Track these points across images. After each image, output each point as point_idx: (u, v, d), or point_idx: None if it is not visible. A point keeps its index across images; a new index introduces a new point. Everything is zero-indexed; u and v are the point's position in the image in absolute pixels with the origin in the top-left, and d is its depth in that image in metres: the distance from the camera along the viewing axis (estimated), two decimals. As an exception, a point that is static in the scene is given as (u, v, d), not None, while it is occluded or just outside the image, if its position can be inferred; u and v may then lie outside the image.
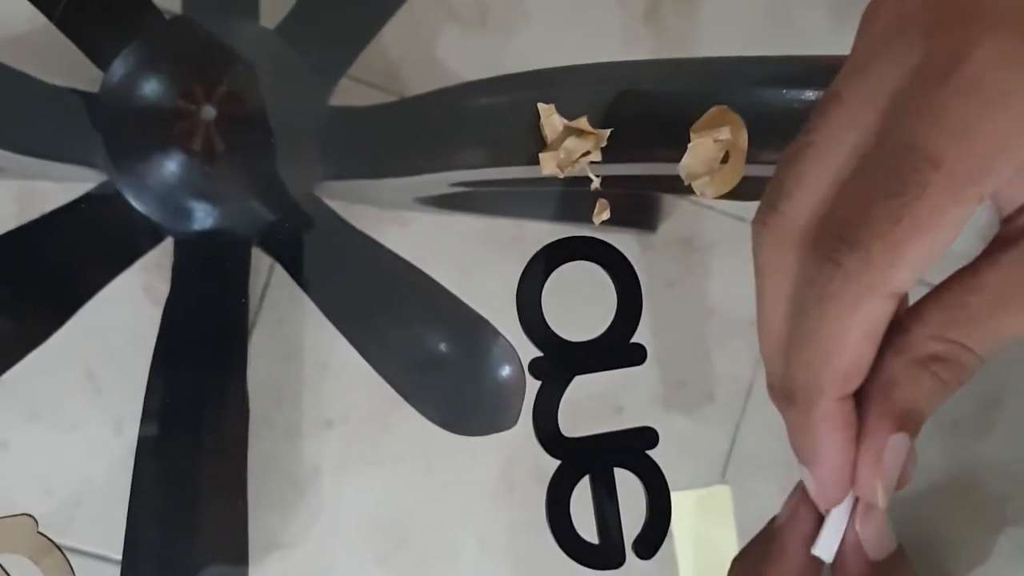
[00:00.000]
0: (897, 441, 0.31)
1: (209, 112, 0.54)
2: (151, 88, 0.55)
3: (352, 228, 0.59)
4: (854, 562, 0.34)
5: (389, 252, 0.59)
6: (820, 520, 0.35)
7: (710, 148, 0.46)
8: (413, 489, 0.77)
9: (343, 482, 0.76)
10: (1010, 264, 0.30)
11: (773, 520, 0.38)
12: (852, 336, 0.29)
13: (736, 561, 0.38)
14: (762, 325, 0.34)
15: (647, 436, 0.45)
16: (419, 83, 0.66)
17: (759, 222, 0.33)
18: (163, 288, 0.60)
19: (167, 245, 0.60)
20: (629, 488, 0.45)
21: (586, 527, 0.44)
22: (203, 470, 0.57)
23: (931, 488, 0.82)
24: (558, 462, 0.44)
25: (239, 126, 0.55)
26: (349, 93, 0.70)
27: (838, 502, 0.34)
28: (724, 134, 0.46)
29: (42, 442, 0.73)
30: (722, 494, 0.44)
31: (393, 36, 0.74)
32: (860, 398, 0.32)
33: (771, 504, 0.79)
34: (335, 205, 0.60)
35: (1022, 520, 0.83)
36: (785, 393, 0.32)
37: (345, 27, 0.61)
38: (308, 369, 0.75)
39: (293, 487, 0.75)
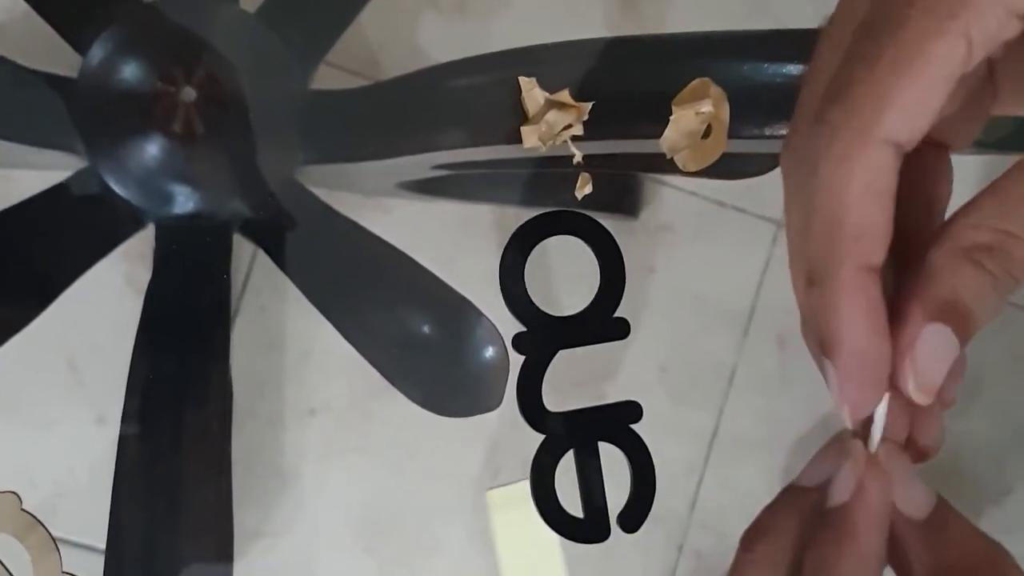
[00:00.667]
0: (935, 333, 0.28)
1: (189, 94, 0.54)
2: (130, 71, 0.55)
3: (334, 212, 0.59)
4: (896, 525, 0.31)
5: (371, 235, 0.59)
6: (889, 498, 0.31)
7: (692, 121, 0.46)
8: (397, 476, 0.76)
9: (327, 471, 0.76)
10: None
11: (791, 491, 0.34)
12: (852, 188, 0.27)
13: (755, 541, 0.34)
14: (790, 249, 0.31)
15: (631, 410, 0.45)
16: (399, 70, 0.66)
17: (784, 146, 0.31)
18: (145, 278, 0.60)
19: (149, 235, 0.60)
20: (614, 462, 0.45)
21: (571, 501, 0.44)
22: (187, 456, 0.57)
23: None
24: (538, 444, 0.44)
25: (219, 108, 0.55)
26: (330, 80, 0.70)
27: (864, 407, 0.30)
28: (706, 106, 0.46)
29: (25, 433, 0.73)
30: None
31: (373, 23, 0.74)
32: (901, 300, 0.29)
33: (756, 486, 0.79)
34: (317, 191, 0.60)
35: (1003, 501, 0.83)
36: (807, 279, 0.29)
37: (325, 11, 0.61)
38: (291, 358, 0.75)
39: (277, 476, 0.75)
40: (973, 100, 0.29)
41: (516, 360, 0.45)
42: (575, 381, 0.74)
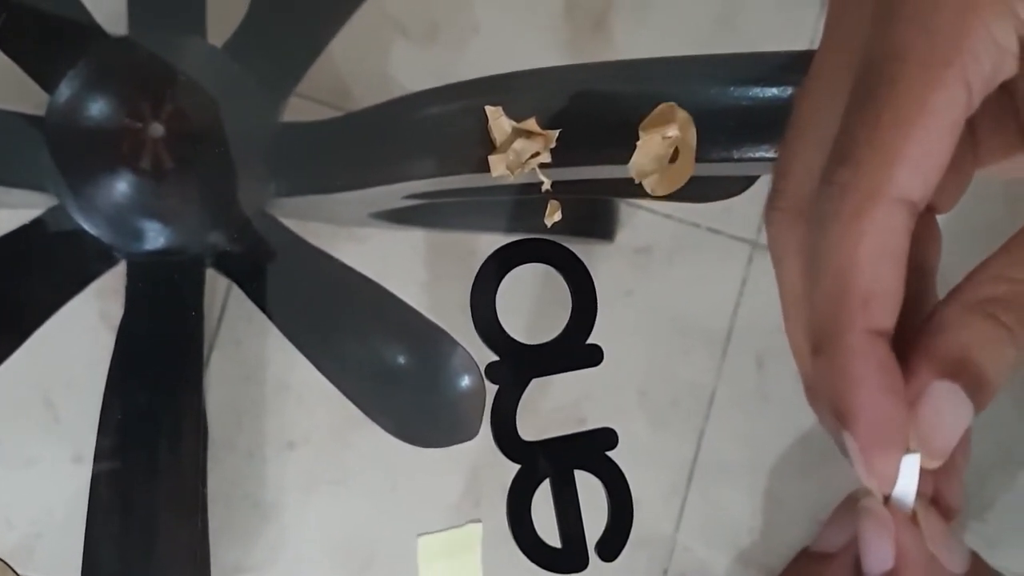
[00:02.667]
0: (942, 390, 0.27)
1: (157, 129, 0.54)
2: (98, 108, 0.54)
3: (306, 243, 0.59)
4: None
5: (344, 266, 0.58)
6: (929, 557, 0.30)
7: (659, 145, 0.46)
8: (378, 507, 0.76)
9: (307, 503, 0.75)
10: None
11: (810, 557, 0.33)
12: (863, 249, 0.26)
13: None
14: (787, 315, 0.30)
15: (606, 437, 0.44)
16: (370, 99, 0.66)
17: (768, 209, 0.30)
18: (120, 314, 0.60)
19: (123, 272, 0.60)
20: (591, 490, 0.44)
21: (549, 531, 0.44)
22: (161, 493, 0.57)
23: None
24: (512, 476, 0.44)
25: (188, 143, 0.54)
26: (302, 112, 0.70)
27: (893, 477, 0.28)
28: (672, 131, 0.46)
29: (1, 472, 0.72)
30: (472, 533, 0.42)
31: (344, 54, 0.74)
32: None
33: (740, 507, 0.79)
34: (289, 224, 0.60)
35: (986, 515, 0.83)
36: (813, 347, 0.28)
37: (292, 43, 0.61)
38: (268, 390, 0.75)
39: (257, 510, 0.75)
40: (956, 159, 0.28)
41: (491, 389, 0.44)
42: (554, 407, 0.74)
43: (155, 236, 0.56)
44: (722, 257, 0.79)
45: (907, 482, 0.29)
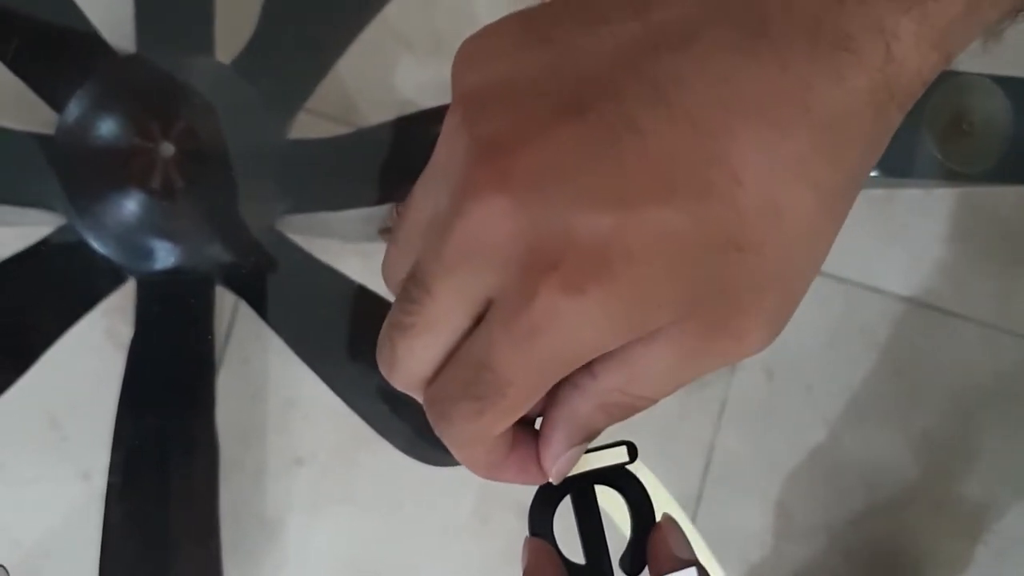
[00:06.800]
0: (574, 451, 0.36)
1: (167, 148, 0.53)
2: (107, 127, 0.54)
3: (315, 260, 0.59)
4: None
5: (352, 282, 0.58)
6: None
7: None
8: (386, 526, 0.76)
9: (315, 521, 0.75)
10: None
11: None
12: (478, 452, 0.34)
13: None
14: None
15: (626, 450, 0.44)
16: (378, 114, 0.66)
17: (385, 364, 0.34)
18: (126, 332, 0.60)
19: (128, 289, 0.59)
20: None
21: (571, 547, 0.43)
22: (174, 513, 0.56)
23: (909, 499, 0.82)
24: (536, 487, 0.43)
25: (198, 162, 0.54)
26: (309, 127, 0.70)
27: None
28: None
29: (8, 493, 0.72)
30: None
31: (349, 69, 0.73)
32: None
33: (748, 523, 0.79)
34: (297, 240, 0.60)
35: (999, 528, 0.83)
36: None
37: (301, 60, 0.60)
38: (275, 408, 0.74)
39: (264, 528, 0.74)
40: None
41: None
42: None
43: (166, 255, 0.56)
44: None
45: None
